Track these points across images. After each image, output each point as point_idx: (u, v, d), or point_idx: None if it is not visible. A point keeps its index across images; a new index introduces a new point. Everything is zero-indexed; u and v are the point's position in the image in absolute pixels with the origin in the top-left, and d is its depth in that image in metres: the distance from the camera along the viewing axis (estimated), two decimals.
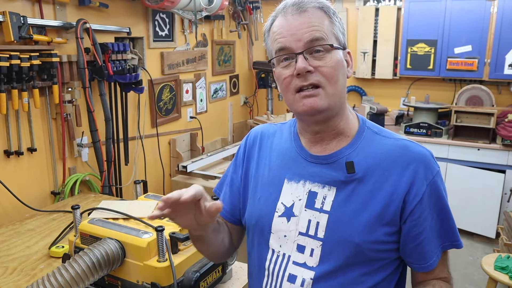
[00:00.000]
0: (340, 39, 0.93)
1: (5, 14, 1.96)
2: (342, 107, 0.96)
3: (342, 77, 0.92)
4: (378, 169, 0.92)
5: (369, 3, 4.32)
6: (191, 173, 3.08)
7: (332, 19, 0.93)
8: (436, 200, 0.93)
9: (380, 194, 0.91)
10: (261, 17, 4.37)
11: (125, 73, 2.53)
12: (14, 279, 1.45)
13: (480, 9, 3.69)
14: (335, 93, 0.91)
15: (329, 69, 0.89)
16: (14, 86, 2.03)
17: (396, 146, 0.95)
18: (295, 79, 0.90)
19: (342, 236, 0.91)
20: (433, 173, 0.92)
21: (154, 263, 1.19)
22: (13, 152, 2.13)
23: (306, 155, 0.99)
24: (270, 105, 4.40)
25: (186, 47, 3.45)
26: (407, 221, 0.91)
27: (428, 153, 0.94)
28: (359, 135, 0.97)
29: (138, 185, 1.58)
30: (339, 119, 0.96)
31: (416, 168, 0.91)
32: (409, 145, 0.95)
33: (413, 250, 0.93)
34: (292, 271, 0.96)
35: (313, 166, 0.97)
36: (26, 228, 1.87)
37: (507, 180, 3.61)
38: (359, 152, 0.95)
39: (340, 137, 0.97)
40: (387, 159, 0.93)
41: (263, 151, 1.08)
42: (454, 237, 0.95)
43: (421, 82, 4.30)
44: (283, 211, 0.98)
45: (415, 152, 0.93)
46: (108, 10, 2.62)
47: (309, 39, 0.89)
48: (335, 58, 0.90)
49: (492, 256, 2.61)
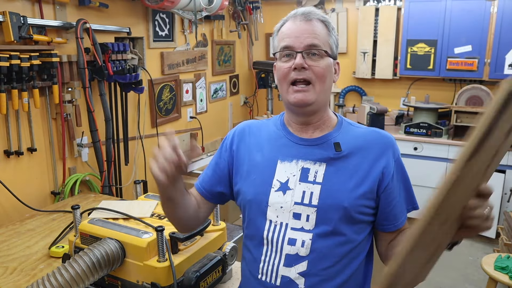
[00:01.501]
0: (333, 50, 1.15)
1: (5, 14, 1.96)
2: (326, 104, 1.18)
3: (329, 79, 1.14)
4: (359, 149, 1.14)
5: (369, 3, 4.32)
6: (191, 173, 3.08)
7: (330, 32, 1.14)
8: (401, 173, 1.16)
9: (362, 168, 1.12)
10: (261, 17, 4.37)
11: (125, 73, 2.53)
12: (14, 279, 1.45)
13: (480, 9, 3.69)
14: (322, 91, 1.12)
15: (320, 69, 1.10)
16: (14, 86, 2.03)
17: (369, 131, 1.18)
18: (292, 72, 1.10)
19: (333, 202, 1.09)
20: (398, 153, 1.17)
21: (154, 263, 1.19)
22: (13, 152, 2.13)
23: (296, 139, 1.18)
24: (270, 105, 4.41)
25: (186, 47, 3.45)
26: (384, 190, 1.12)
27: (393, 137, 1.19)
28: (339, 125, 1.19)
29: (138, 185, 1.58)
30: (322, 113, 1.17)
31: (387, 149, 1.14)
32: (379, 131, 1.19)
33: (389, 213, 1.14)
34: (291, 236, 1.11)
35: (304, 147, 1.16)
36: (26, 228, 1.87)
37: (507, 180, 3.61)
38: (342, 136, 1.16)
39: (323, 126, 1.18)
40: (365, 141, 1.15)
41: (254, 140, 1.24)
42: (414, 201, 1.20)
43: (421, 82, 4.30)
44: (278, 186, 1.14)
45: (385, 136, 1.17)
46: (108, 10, 2.62)
47: (309, 43, 1.09)
48: (326, 62, 1.12)
49: (492, 256, 2.61)
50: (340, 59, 4.52)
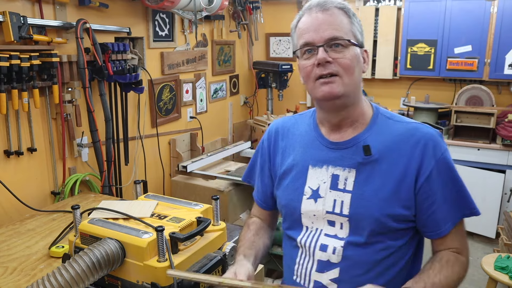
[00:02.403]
0: (358, 38, 1.05)
1: (5, 14, 1.96)
2: (358, 96, 1.08)
3: (358, 70, 1.04)
4: (392, 151, 1.04)
5: (369, 3, 4.32)
6: (191, 173, 3.08)
7: (351, 19, 1.05)
8: (446, 174, 1.03)
9: (395, 173, 1.02)
10: (261, 17, 4.36)
11: (125, 73, 2.53)
12: (14, 279, 1.45)
13: (480, 9, 3.69)
14: (351, 83, 1.02)
15: (346, 61, 1.01)
16: (14, 86, 2.03)
17: (406, 129, 1.06)
18: (315, 69, 1.02)
19: (365, 212, 1.03)
20: (441, 151, 1.03)
21: (154, 263, 1.19)
22: (13, 152, 2.13)
23: (326, 142, 1.11)
24: (270, 105, 4.40)
25: (186, 47, 3.45)
26: (418, 194, 1.02)
27: (436, 133, 1.05)
28: (373, 121, 1.09)
29: (138, 185, 1.58)
30: (355, 108, 1.08)
31: (424, 147, 1.02)
32: (419, 127, 1.06)
33: (427, 219, 1.03)
34: (323, 242, 1.08)
35: (334, 151, 1.09)
36: (26, 228, 1.87)
37: (507, 180, 3.61)
38: (374, 136, 1.06)
39: (355, 124, 1.09)
40: (399, 141, 1.04)
41: (286, 142, 1.20)
42: (471, 205, 1.05)
43: (421, 82, 4.30)
44: (310, 193, 1.11)
45: (424, 132, 1.04)
46: (108, 10, 2.62)
47: (330, 36, 1.01)
48: (352, 52, 1.02)
49: (492, 256, 2.61)
50: None
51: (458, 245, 1.06)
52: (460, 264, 1.04)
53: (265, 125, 3.94)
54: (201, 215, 1.39)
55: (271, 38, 4.78)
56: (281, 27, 4.69)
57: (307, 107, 4.71)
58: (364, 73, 1.09)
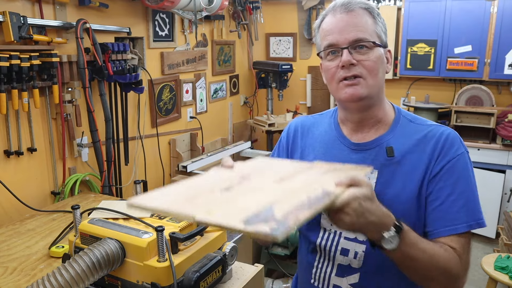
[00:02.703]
0: (382, 38, 1.04)
1: (5, 14, 1.96)
2: (381, 97, 1.08)
3: (382, 71, 1.04)
4: (413, 153, 1.03)
5: None
6: (191, 173, 3.08)
7: (376, 19, 1.04)
8: (457, 178, 0.99)
9: (416, 174, 1.01)
10: (261, 17, 4.36)
11: (125, 73, 2.53)
12: (14, 279, 1.44)
13: (480, 9, 3.69)
14: (375, 85, 1.02)
15: (370, 63, 1.00)
16: (14, 86, 2.03)
17: (428, 131, 1.05)
18: (339, 71, 1.01)
19: None
20: (457, 153, 1.01)
21: (154, 263, 1.19)
22: (13, 152, 2.13)
23: (348, 143, 1.10)
24: (270, 105, 4.40)
25: (186, 47, 3.45)
26: (427, 189, 1.00)
27: (454, 133, 1.04)
28: (395, 123, 1.09)
29: (138, 185, 1.58)
30: (378, 108, 1.07)
31: (441, 146, 1.01)
32: (438, 128, 1.05)
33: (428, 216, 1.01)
34: (344, 246, 1.06)
35: (356, 153, 1.08)
36: (26, 228, 1.87)
37: (507, 180, 3.61)
38: (397, 138, 1.06)
39: (378, 125, 1.08)
40: (420, 144, 1.03)
41: (306, 140, 1.18)
42: (477, 215, 0.99)
43: (421, 82, 4.30)
44: None
45: (442, 132, 1.04)
46: (108, 10, 2.62)
47: (354, 38, 1.00)
48: (377, 54, 1.02)
49: (492, 256, 2.61)
50: None
51: (459, 248, 0.98)
52: (455, 260, 0.95)
53: (265, 125, 3.94)
54: None
55: (271, 38, 4.78)
56: (281, 27, 4.69)
57: (307, 107, 4.71)
58: (388, 73, 1.09)
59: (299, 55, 4.70)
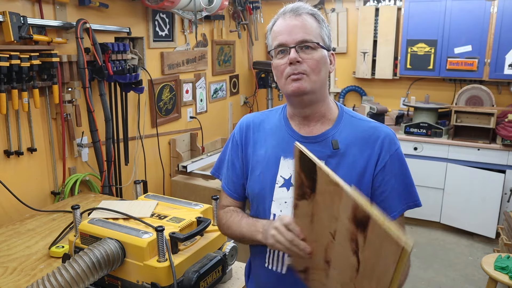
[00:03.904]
0: (326, 42, 1.17)
1: (5, 14, 1.96)
2: (324, 94, 1.19)
3: (324, 70, 1.16)
4: (356, 146, 1.16)
5: (369, 3, 4.32)
6: (191, 173, 3.08)
7: (321, 24, 1.16)
8: (398, 168, 1.16)
9: (358, 165, 1.15)
10: (261, 17, 4.36)
11: (125, 73, 2.53)
12: (14, 279, 1.45)
13: (480, 9, 3.69)
14: (317, 81, 1.14)
15: (314, 61, 1.12)
16: (14, 86, 2.03)
17: (368, 127, 1.19)
18: (287, 68, 1.13)
19: None
20: (395, 147, 1.17)
21: (154, 263, 1.19)
22: (13, 152, 2.13)
23: (297, 136, 1.20)
24: (270, 105, 4.40)
25: (186, 47, 3.45)
26: (373, 183, 1.15)
27: (392, 132, 1.19)
28: (339, 119, 1.21)
29: (138, 185, 1.58)
30: (321, 104, 1.19)
31: (382, 143, 1.16)
32: (378, 126, 1.20)
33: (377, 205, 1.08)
34: None
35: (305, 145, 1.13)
36: (26, 228, 1.87)
37: (507, 180, 3.61)
38: (341, 132, 1.18)
39: (323, 119, 1.20)
40: (362, 138, 1.17)
41: (258, 135, 1.28)
42: (415, 197, 1.18)
43: (421, 82, 4.30)
44: (282, 182, 1.20)
45: (382, 131, 1.18)
46: (108, 10, 2.62)
47: (301, 38, 1.12)
48: (320, 54, 1.14)
49: (492, 256, 2.61)
50: (340, 59, 4.50)
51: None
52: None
53: None
54: (201, 215, 1.39)
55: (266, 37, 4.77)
56: None
57: None
58: (331, 73, 1.20)
59: None
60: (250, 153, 1.28)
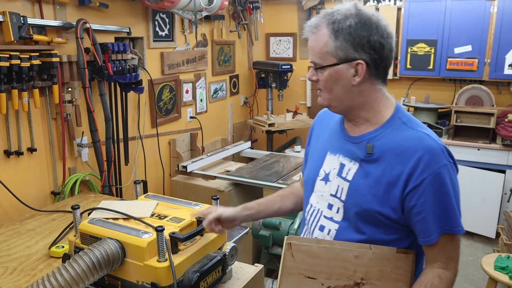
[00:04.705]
0: (340, 55, 1.10)
1: (5, 14, 1.96)
2: (353, 104, 1.16)
3: (337, 87, 1.13)
4: (391, 154, 1.11)
5: (369, 3, 4.32)
6: (191, 173, 3.08)
7: (336, 34, 1.09)
8: (438, 188, 1.07)
9: (389, 175, 1.10)
10: (261, 17, 4.36)
11: (125, 73, 2.53)
12: (14, 279, 1.45)
13: (480, 9, 3.69)
14: (331, 98, 1.16)
15: (322, 82, 1.15)
16: (14, 86, 2.03)
17: (412, 137, 1.11)
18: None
19: (356, 202, 1.14)
20: (438, 165, 1.06)
21: (154, 263, 1.19)
22: (13, 152, 2.13)
23: (344, 135, 1.23)
24: (270, 105, 4.41)
25: (186, 47, 3.45)
26: (405, 201, 1.09)
27: (439, 147, 1.08)
28: (387, 123, 1.16)
29: (138, 185, 1.58)
30: (358, 111, 1.17)
31: (420, 158, 1.07)
32: (423, 137, 1.10)
33: (415, 224, 1.11)
34: (322, 223, 1.23)
35: (348, 143, 1.21)
36: (26, 228, 1.87)
37: (507, 180, 3.61)
38: (381, 137, 1.14)
39: (367, 123, 1.18)
40: (400, 147, 1.10)
41: (322, 128, 1.35)
42: (453, 223, 1.10)
43: (421, 82, 4.30)
44: (323, 176, 1.24)
45: (425, 144, 1.08)
46: (108, 10, 2.62)
47: (311, 60, 1.16)
48: (327, 74, 1.13)
49: (492, 256, 2.61)
50: None
51: (445, 258, 1.12)
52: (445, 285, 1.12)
53: (265, 125, 3.94)
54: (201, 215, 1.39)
55: (271, 38, 4.78)
56: (281, 27, 4.69)
57: (307, 107, 4.71)
58: (355, 85, 1.12)
59: (299, 55, 4.70)
60: (313, 143, 1.38)
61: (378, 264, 1.12)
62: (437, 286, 1.11)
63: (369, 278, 1.12)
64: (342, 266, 1.13)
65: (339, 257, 1.12)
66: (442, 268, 1.12)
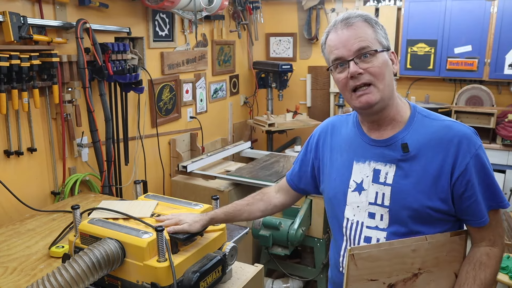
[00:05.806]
0: (383, 43, 1.13)
1: (5, 14, 1.96)
2: (392, 98, 1.16)
3: (388, 74, 1.13)
4: (428, 148, 1.12)
5: (369, 3, 4.32)
6: (191, 173, 3.09)
7: (375, 28, 1.13)
8: (480, 169, 1.10)
9: (432, 168, 1.10)
10: (261, 17, 4.36)
11: (125, 73, 2.53)
12: (14, 279, 1.45)
13: (480, 9, 3.69)
14: (384, 88, 1.11)
15: (376, 68, 1.10)
16: (14, 86, 2.03)
17: (441, 126, 1.14)
18: (349, 81, 1.11)
19: (404, 204, 1.12)
20: (476, 147, 1.10)
21: (154, 263, 1.19)
22: (13, 152, 2.13)
23: (368, 140, 1.21)
24: (270, 105, 4.41)
25: (186, 47, 3.45)
26: (455, 188, 1.10)
27: (470, 130, 1.12)
28: (411, 120, 1.17)
29: (138, 185, 1.58)
30: (390, 108, 1.16)
31: (459, 144, 1.10)
32: (452, 125, 1.14)
33: (467, 209, 1.12)
34: (367, 234, 1.18)
35: (375, 148, 1.18)
36: (26, 228, 1.87)
37: (507, 180, 3.61)
38: (412, 134, 1.15)
39: (393, 123, 1.17)
40: (435, 139, 1.12)
41: (335, 139, 1.31)
42: (499, 198, 1.13)
43: (421, 82, 4.30)
44: (355, 186, 1.21)
45: (458, 130, 1.12)
46: (108, 10, 2.62)
47: (357, 48, 1.10)
48: (381, 59, 1.11)
49: None
50: None
51: (492, 235, 1.15)
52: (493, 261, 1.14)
53: (265, 125, 3.94)
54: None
55: (271, 38, 4.78)
56: (281, 27, 4.69)
57: (307, 107, 4.71)
58: (395, 74, 1.17)
59: (299, 55, 4.70)
60: (326, 158, 1.31)
61: (433, 252, 1.14)
62: (486, 264, 1.13)
63: (426, 267, 1.14)
64: (401, 262, 1.13)
65: (398, 255, 1.12)
66: (489, 245, 1.15)
